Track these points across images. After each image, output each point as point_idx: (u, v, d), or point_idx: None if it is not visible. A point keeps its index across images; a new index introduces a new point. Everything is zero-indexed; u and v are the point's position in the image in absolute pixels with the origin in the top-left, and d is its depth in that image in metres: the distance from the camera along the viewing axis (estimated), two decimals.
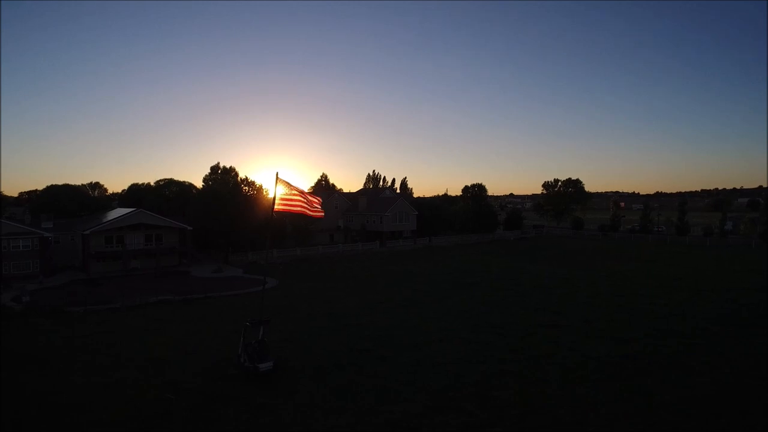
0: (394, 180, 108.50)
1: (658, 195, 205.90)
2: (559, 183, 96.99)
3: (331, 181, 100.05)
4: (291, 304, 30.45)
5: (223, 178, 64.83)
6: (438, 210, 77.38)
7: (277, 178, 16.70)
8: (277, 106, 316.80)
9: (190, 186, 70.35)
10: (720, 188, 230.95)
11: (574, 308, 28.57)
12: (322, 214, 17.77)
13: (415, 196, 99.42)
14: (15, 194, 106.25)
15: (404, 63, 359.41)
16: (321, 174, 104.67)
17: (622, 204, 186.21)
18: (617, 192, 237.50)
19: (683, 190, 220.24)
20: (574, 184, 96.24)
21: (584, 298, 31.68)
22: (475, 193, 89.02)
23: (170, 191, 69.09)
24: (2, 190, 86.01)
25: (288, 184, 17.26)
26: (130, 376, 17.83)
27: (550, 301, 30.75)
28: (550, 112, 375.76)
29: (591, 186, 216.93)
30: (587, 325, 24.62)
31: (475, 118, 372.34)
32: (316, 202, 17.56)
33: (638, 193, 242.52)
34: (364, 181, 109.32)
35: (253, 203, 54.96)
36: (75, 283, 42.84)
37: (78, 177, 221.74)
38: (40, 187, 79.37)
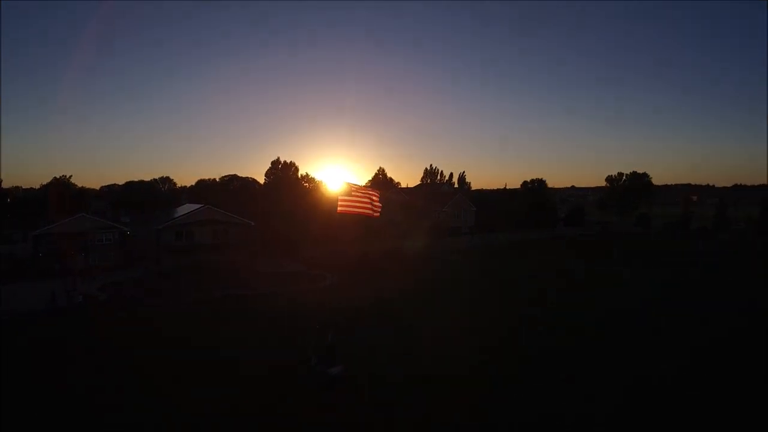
0: (451, 174, 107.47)
1: (737, 188, 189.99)
2: (624, 177, 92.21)
3: (388, 176, 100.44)
4: (349, 304, 30.39)
5: (283, 174, 66.88)
6: (496, 205, 76.05)
7: (340, 181, 17.37)
8: (336, 101, 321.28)
9: (254, 181, 73.17)
10: None
11: None
12: (379, 214, 18.39)
13: (473, 189, 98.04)
14: (97, 187, 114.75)
15: (462, 56, 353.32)
16: (378, 168, 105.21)
17: (695, 197, 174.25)
18: (689, 184, 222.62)
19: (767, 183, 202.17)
20: (640, 178, 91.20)
21: None
22: (534, 187, 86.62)
23: (234, 186, 72.19)
24: (85, 184, 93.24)
25: (349, 185, 17.71)
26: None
27: None
28: (614, 98, 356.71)
29: (659, 178, 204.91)
30: None
31: (535, 108, 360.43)
32: (376, 201, 18.12)
33: (713, 185, 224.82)
34: (421, 175, 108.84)
35: (314, 199, 56.31)
36: (149, 275, 45.85)
37: (149, 171, 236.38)
38: (118, 180, 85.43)
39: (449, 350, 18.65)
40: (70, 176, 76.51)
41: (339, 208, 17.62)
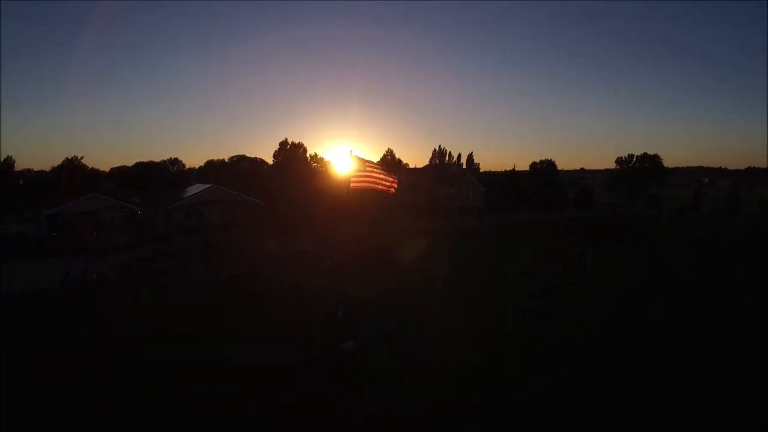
0: (460, 155, 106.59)
1: (750, 171, 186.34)
2: (635, 158, 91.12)
3: (397, 157, 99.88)
4: (359, 282, 30.32)
5: (291, 154, 66.88)
6: (505, 186, 75.66)
7: (351, 155, 16.79)
8: (344, 82, 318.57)
9: (262, 162, 73.33)
10: None
11: None
12: (394, 189, 17.69)
13: (481, 170, 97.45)
14: (107, 169, 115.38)
15: (472, 36, 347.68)
16: (387, 149, 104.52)
17: (706, 180, 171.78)
18: (701, 167, 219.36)
19: None
20: (651, 160, 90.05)
21: None
22: (543, 168, 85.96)
23: (242, 167, 72.40)
24: (96, 166, 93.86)
25: (362, 161, 16.93)
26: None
27: None
28: (625, 80, 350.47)
29: (670, 161, 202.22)
30: None
31: (545, 89, 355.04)
32: (390, 177, 17.43)
33: (726, 168, 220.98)
34: (429, 156, 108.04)
35: (322, 179, 56.41)
36: (160, 254, 46.35)
37: (159, 152, 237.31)
38: (128, 162, 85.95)
39: (450, 349, 18.44)
40: (82, 157, 77.16)
41: (352, 185, 16.91)
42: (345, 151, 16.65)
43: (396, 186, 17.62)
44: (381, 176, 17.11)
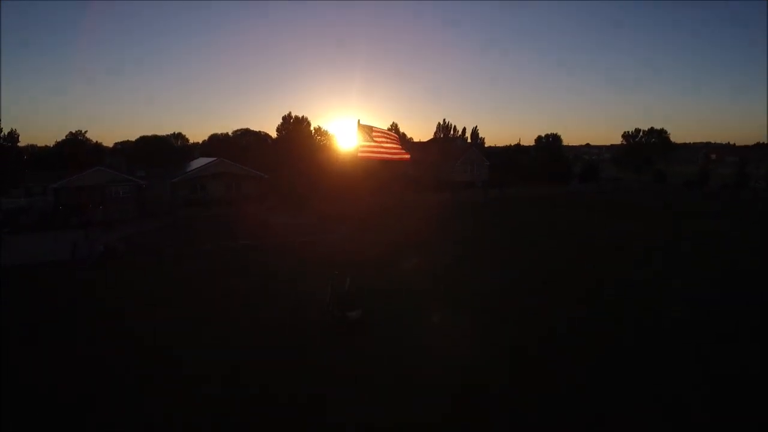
0: (464, 129, 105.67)
1: (759, 146, 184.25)
2: (641, 132, 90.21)
3: (401, 130, 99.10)
4: (360, 255, 30.24)
5: (295, 128, 66.51)
6: (510, 160, 75.32)
7: (358, 125, 16.26)
8: (348, 56, 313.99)
9: (266, 135, 73.00)
10: None
11: None
12: (408, 156, 17.18)
13: (486, 145, 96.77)
14: (110, 144, 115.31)
15: (476, 10, 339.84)
16: (391, 123, 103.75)
17: (713, 156, 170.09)
18: (709, 143, 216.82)
19: None
20: (658, 134, 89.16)
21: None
22: (549, 142, 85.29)
23: (247, 141, 72.17)
24: (99, 140, 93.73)
25: (369, 129, 16.14)
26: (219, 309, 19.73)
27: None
28: (631, 53, 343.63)
29: (678, 136, 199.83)
30: None
31: (550, 62, 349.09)
32: (399, 146, 16.86)
33: (734, 144, 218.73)
34: (434, 130, 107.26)
35: (326, 153, 56.23)
36: (165, 227, 46.71)
37: (162, 128, 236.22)
38: (132, 137, 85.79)
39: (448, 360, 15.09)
40: (85, 131, 77.08)
41: (360, 154, 15.91)
42: (350, 123, 16.21)
43: (407, 154, 17.12)
44: (391, 145, 16.61)
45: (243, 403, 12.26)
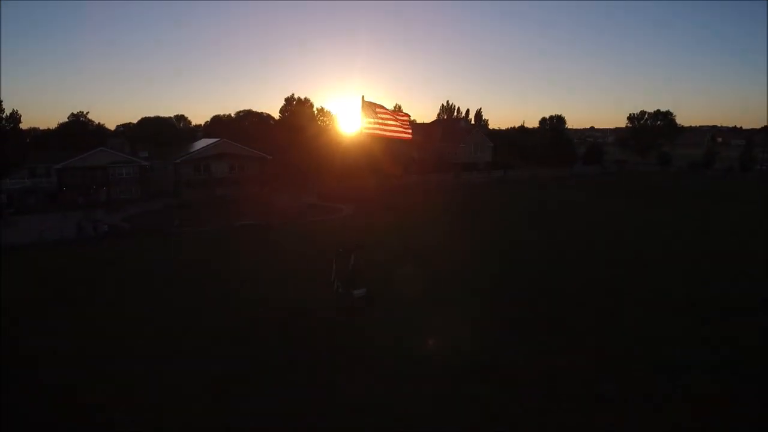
0: (468, 111, 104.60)
1: (766, 130, 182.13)
2: (647, 115, 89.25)
3: (404, 112, 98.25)
4: (363, 234, 30.07)
5: (298, 110, 66.07)
6: (513, 142, 74.77)
7: (363, 102, 15.98)
8: (349, 36, 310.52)
9: (268, 116, 72.53)
10: None
11: None
12: (410, 135, 17.00)
13: (490, 128, 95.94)
14: (112, 127, 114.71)
15: None
16: (395, 105, 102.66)
17: (719, 138, 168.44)
18: (715, 126, 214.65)
19: None
20: (664, 116, 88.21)
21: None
22: (553, 124, 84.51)
23: (250, 122, 71.78)
24: (102, 122, 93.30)
25: (373, 106, 15.69)
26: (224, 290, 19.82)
27: None
28: (637, 36, 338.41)
29: (684, 119, 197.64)
30: None
31: (555, 44, 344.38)
32: (405, 122, 16.62)
33: (740, 127, 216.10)
34: (438, 111, 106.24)
35: (329, 134, 55.97)
36: (168, 207, 46.86)
37: (164, 110, 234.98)
38: (135, 120, 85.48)
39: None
40: (87, 113, 76.66)
41: (365, 130, 15.66)
42: (352, 103, 15.94)
43: (410, 132, 16.92)
44: (394, 122, 16.44)
45: None
